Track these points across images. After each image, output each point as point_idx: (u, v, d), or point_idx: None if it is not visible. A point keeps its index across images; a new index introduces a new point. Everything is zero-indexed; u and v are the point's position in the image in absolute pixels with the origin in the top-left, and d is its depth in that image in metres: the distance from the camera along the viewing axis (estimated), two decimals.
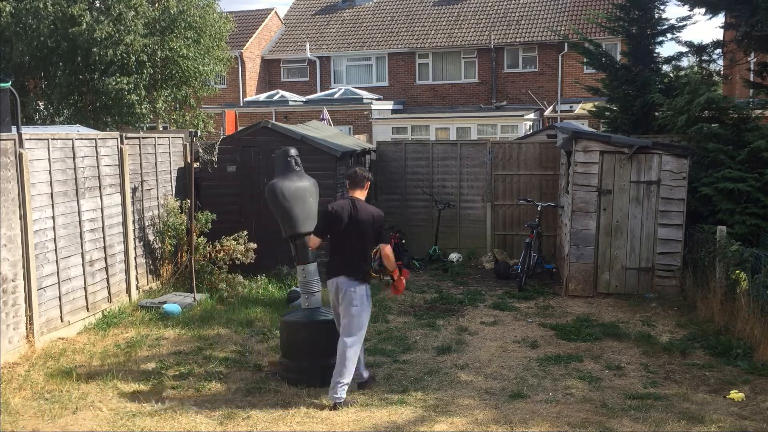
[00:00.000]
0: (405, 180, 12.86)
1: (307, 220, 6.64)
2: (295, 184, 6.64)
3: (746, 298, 7.79)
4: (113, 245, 8.96)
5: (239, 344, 7.73)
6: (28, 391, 6.27)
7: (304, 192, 6.68)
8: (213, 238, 9.85)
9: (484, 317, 8.95)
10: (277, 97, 25.83)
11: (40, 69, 18.51)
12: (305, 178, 6.81)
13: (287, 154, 6.80)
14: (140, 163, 9.64)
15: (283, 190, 6.56)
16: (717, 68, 13.72)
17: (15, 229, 7.17)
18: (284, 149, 6.94)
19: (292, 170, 6.73)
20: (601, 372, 6.91)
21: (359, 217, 6.15)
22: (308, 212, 6.66)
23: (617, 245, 9.87)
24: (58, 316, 7.86)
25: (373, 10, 30.85)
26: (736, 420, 5.73)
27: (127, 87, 17.60)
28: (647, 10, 13.36)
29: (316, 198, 6.83)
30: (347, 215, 6.16)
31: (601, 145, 9.84)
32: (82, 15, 16.82)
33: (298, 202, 6.59)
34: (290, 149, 6.92)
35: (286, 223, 6.62)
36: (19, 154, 7.21)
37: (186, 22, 18.73)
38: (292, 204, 6.56)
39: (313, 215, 6.72)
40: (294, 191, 6.60)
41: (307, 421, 5.73)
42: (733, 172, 9.72)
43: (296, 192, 6.61)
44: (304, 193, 6.67)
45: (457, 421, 5.73)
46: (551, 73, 26.54)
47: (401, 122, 23.89)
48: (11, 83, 8.16)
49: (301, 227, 6.61)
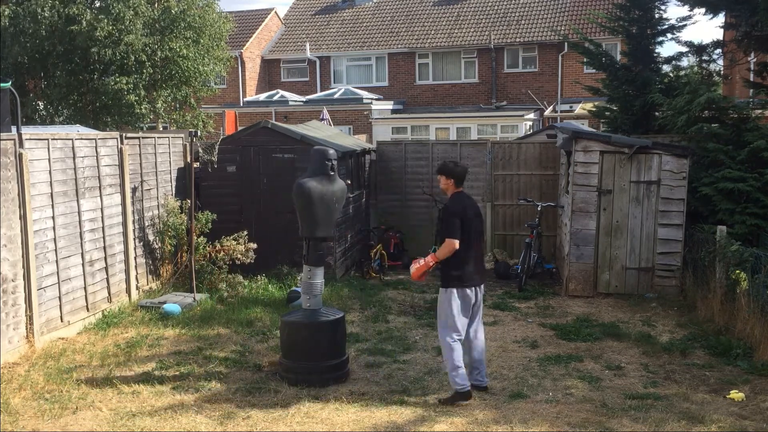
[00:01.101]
0: (405, 180, 12.86)
1: (327, 224, 6.64)
2: (324, 188, 6.58)
3: (746, 298, 7.79)
4: (113, 245, 8.96)
5: (239, 344, 7.73)
6: (28, 391, 6.27)
7: (332, 197, 6.63)
8: (213, 238, 9.85)
9: (484, 317, 8.85)
10: (277, 97, 25.83)
11: (40, 69, 18.53)
12: (336, 182, 6.73)
13: (325, 156, 6.66)
14: (140, 163, 9.64)
15: (312, 191, 6.49)
16: (717, 68, 13.71)
17: (15, 229, 7.16)
18: (323, 149, 6.80)
19: (326, 173, 6.63)
20: (601, 372, 6.91)
21: (478, 214, 6.18)
22: (329, 217, 6.64)
23: (617, 245, 9.87)
24: (58, 316, 7.86)
25: (373, 10, 30.85)
26: (736, 420, 5.73)
27: (127, 87, 17.61)
28: (647, 10, 13.36)
29: (341, 204, 6.83)
30: (473, 214, 6.10)
31: (601, 145, 9.84)
32: (81, 14, 16.83)
33: (323, 206, 6.56)
34: (329, 150, 6.76)
35: (307, 224, 6.60)
36: (19, 154, 7.21)
37: (186, 22, 18.74)
38: (318, 207, 6.53)
39: (333, 222, 6.73)
40: (322, 195, 6.55)
41: (307, 421, 5.73)
42: (733, 172, 9.71)
43: (324, 196, 6.56)
44: (331, 198, 6.63)
45: (457, 421, 5.73)
46: (551, 73, 26.54)
47: (401, 122, 23.89)
48: (11, 83, 8.15)
49: (320, 231, 6.61)
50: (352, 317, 8.79)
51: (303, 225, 6.65)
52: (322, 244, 6.75)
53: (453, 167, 6.20)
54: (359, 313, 9.09)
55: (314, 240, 6.64)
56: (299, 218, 6.68)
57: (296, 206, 6.68)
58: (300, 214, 6.65)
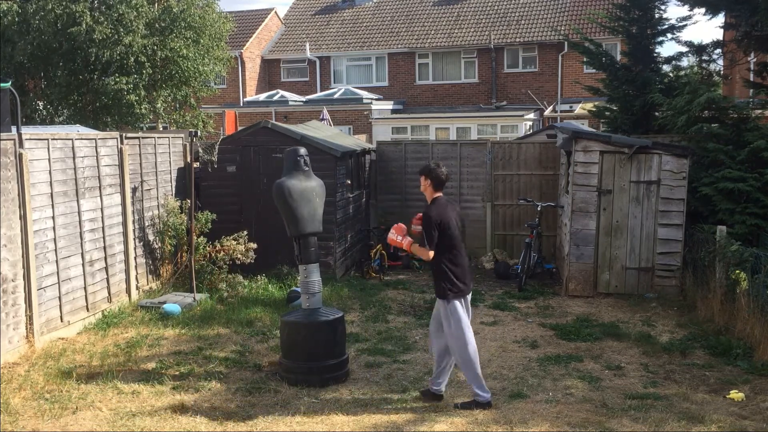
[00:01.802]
0: (405, 180, 12.86)
1: (313, 220, 6.65)
2: (302, 184, 6.63)
3: (746, 298, 7.79)
4: (113, 245, 8.96)
5: (239, 344, 7.73)
6: (28, 391, 6.27)
7: (311, 192, 6.67)
8: (213, 238, 9.85)
9: (484, 317, 8.95)
10: (277, 97, 25.82)
11: (40, 69, 18.52)
12: (313, 179, 6.79)
13: (297, 153, 6.77)
14: (140, 163, 9.64)
15: (291, 189, 6.55)
16: (717, 68, 13.71)
17: (15, 229, 7.16)
18: (294, 148, 6.91)
19: (300, 170, 6.70)
20: (601, 372, 6.91)
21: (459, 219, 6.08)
22: (314, 212, 6.66)
23: (617, 245, 9.87)
24: (58, 316, 7.86)
25: (373, 10, 30.84)
26: (736, 420, 5.73)
27: (127, 87, 17.60)
28: (647, 10, 13.36)
29: (322, 199, 6.83)
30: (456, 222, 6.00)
31: (601, 145, 9.84)
32: (82, 15, 16.83)
33: (304, 202, 6.58)
34: (300, 148, 6.89)
35: (292, 223, 6.62)
36: (19, 154, 7.21)
37: (186, 22, 18.72)
38: (299, 204, 6.56)
39: (318, 216, 6.72)
40: (301, 191, 6.59)
41: (307, 421, 5.73)
42: (733, 172, 9.71)
43: (303, 192, 6.60)
44: (311, 194, 6.66)
45: (457, 421, 5.73)
46: (551, 73, 26.53)
47: (401, 122, 23.88)
48: (11, 83, 8.15)
49: (307, 227, 6.61)
50: (352, 317, 8.79)
51: (289, 224, 6.66)
52: (312, 240, 6.73)
53: (433, 168, 6.02)
54: (359, 313, 9.09)
55: (303, 238, 6.65)
56: (284, 219, 6.69)
57: (279, 208, 6.71)
58: (284, 215, 6.66)
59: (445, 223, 5.87)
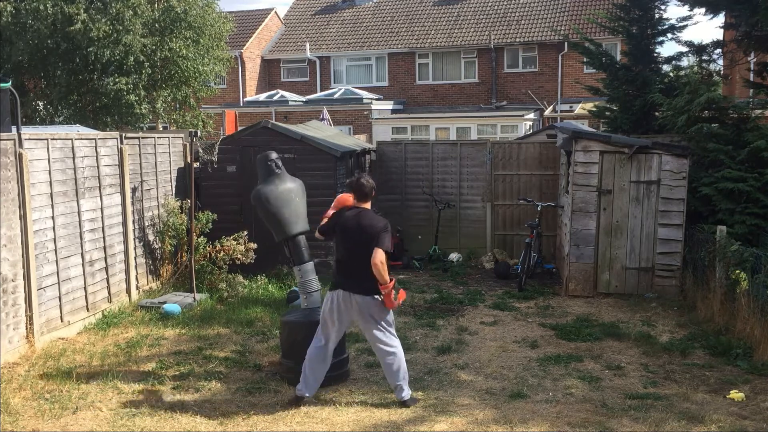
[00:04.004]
0: (405, 180, 12.86)
1: (298, 220, 6.66)
2: (278, 188, 6.64)
3: (746, 298, 7.79)
4: (113, 245, 8.96)
5: (239, 344, 7.73)
6: (28, 391, 6.27)
7: (289, 194, 6.67)
8: (213, 238, 9.85)
9: (484, 317, 8.95)
10: (277, 97, 25.83)
11: (40, 69, 18.50)
12: (288, 180, 6.78)
13: (267, 158, 6.78)
14: (140, 163, 9.64)
15: (267, 195, 6.57)
16: (717, 68, 13.72)
17: (15, 229, 7.16)
18: (264, 154, 6.90)
19: (274, 174, 6.71)
20: (601, 372, 6.91)
21: None
22: (296, 213, 6.66)
23: (617, 245, 9.86)
24: (58, 316, 7.86)
25: (373, 10, 30.85)
26: (736, 420, 5.73)
27: (126, 87, 17.59)
28: (647, 10, 13.37)
29: (303, 198, 6.82)
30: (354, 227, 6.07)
31: (601, 145, 9.84)
32: (77, 14, 16.81)
33: (284, 205, 6.59)
34: (270, 153, 6.87)
35: (276, 227, 6.64)
36: (19, 154, 7.21)
37: (186, 22, 18.72)
38: (278, 208, 6.57)
39: (302, 215, 6.71)
40: (278, 195, 6.60)
41: (307, 421, 5.73)
42: (733, 172, 9.71)
43: (280, 195, 6.61)
44: (289, 195, 6.66)
45: (457, 420, 5.73)
46: (551, 73, 26.55)
47: (401, 122, 23.89)
48: (11, 83, 8.15)
49: (292, 229, 6.61)
50: None
51: (274, 230, 6.67)
52: (301, 240, 6.73)
53: (353, 180, 6.13)
54: None
55: (291, 239, 6.64)
56: (269, 226, 6.70)
57: (261, 216, 6.72)
58: (267, 222, 6.67)
59: None
